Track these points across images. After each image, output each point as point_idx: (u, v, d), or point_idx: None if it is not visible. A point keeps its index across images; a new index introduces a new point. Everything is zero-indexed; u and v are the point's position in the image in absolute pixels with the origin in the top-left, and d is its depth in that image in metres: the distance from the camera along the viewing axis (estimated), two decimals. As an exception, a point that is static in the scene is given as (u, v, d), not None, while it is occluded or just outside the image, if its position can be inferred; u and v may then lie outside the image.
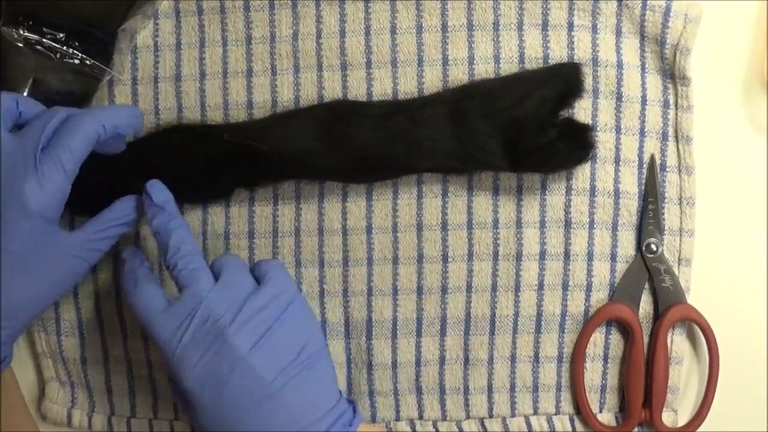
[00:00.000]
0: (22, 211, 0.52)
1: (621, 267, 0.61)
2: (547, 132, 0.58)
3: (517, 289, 0.61)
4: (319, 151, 0.58)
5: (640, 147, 0.60)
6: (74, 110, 0.55)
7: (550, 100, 0.58)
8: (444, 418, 0.63)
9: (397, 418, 0.64)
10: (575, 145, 0.58)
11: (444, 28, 0.60)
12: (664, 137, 0.61)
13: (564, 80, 0.58)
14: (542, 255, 0.61)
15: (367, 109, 0.59)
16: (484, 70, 0.60)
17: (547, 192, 0.60)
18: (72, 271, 0.56)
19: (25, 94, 0.58)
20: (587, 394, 0.62)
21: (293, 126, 0.59)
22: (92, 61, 0.59)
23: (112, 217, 0.57)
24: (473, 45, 0.60)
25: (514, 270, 0.61)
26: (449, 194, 0.61)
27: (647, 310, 0.62)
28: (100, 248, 0.57)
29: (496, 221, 0.61)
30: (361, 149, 0.58)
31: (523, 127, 0.57)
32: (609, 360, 0.62)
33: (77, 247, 0.55)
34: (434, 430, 0.63)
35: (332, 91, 0.61)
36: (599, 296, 0.61)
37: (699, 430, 0.62)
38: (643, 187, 0.61)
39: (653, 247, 0.61)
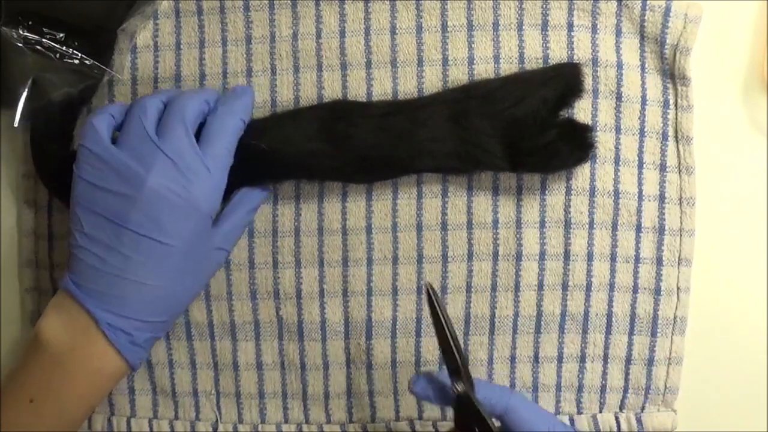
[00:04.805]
0: (192, 210, 0.54)
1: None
2: (547, 132, 0.57)
3: (517, 289, 0.61)
4: (319, 151, 0.58)
5: (640, 147, 0.60)
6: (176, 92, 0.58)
7: (550, 100, 0.58)
8: (444, 418, 0.63)
9: (397, 419, 0.64)
10: (575, 146, 0.58)
11: (444, 28, 0.60)
12: (664, 137, 0.60)
13: (564, 80, 0.58)
14: (542, 255, 0.61)
15: (368, 109, 0.59)
16: (484, 70, 0.60)
17: (546, 192, 0.60)
18: (217, 263, 0.58)
19: (24, 94, 0.58)
20: (587, 394, 0.62)
21: (293, 126, 0.59)
22: (92, 61, 0.59)
23: (244, 207, 0.59)
24: (473, 45, 0.60)
25: (514, 270, 0.61)
26: (449, 194, 0.61)
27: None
28: (236, 237, 0.59)
29: (495, 221, 0.61)
30: (361, 149, 0.58)
31: (524, 127, 0.57)
32: (609, 360, 0.62)
33: (222, 239, 0.57)
34: (434, 430, 0.63)
35: (332, 91, 0.61)
36: (599, 296, 0.61)
37: (699, 430, 0.62)
38: (642, 187, 0.61)
39: (653, 247, 0.61)
